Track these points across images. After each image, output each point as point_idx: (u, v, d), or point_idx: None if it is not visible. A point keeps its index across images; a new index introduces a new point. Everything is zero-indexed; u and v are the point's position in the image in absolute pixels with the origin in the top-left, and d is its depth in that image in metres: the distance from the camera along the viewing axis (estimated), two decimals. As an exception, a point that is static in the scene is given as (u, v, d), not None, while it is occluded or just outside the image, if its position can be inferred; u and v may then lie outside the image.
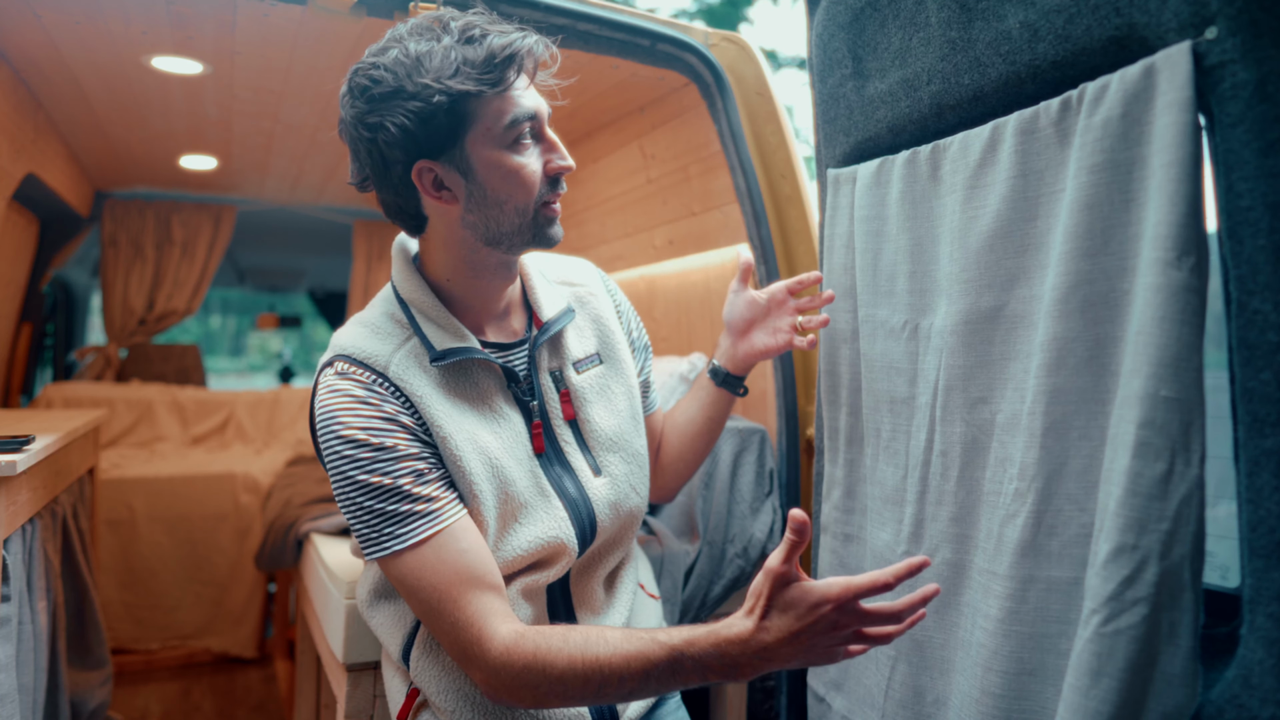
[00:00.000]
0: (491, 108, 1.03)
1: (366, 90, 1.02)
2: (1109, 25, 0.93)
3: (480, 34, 1.03)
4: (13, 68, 2.15)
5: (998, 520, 1.08)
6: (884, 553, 1.30)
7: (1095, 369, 0.96)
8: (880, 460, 1.33)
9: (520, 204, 1.08)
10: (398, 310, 1.14)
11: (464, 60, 1.01)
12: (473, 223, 1.09)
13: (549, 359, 1.21)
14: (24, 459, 1.49)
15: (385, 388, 1.06)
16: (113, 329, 4.13)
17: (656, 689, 0.96)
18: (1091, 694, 0.87)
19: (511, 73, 1.03)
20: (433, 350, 1.09)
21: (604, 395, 1.24)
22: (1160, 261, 0.85)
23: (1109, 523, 0.89)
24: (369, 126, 1.03)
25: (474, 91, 1.01)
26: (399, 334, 1.11)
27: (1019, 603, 1.02)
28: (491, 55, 1.01)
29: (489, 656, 0.98)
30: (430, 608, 1.01)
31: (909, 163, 1.26)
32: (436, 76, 1.00)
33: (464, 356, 1.10)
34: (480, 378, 1.14)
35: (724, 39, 1.94)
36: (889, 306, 1.31)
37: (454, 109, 1.01)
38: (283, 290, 7.28)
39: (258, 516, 3.32)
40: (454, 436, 1.07)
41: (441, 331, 1.11)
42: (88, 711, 2.10)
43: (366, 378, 1.06)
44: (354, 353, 1.08)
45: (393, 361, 1.08)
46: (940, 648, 1.20)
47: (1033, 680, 1.01)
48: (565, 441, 1.19)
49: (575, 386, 1.21)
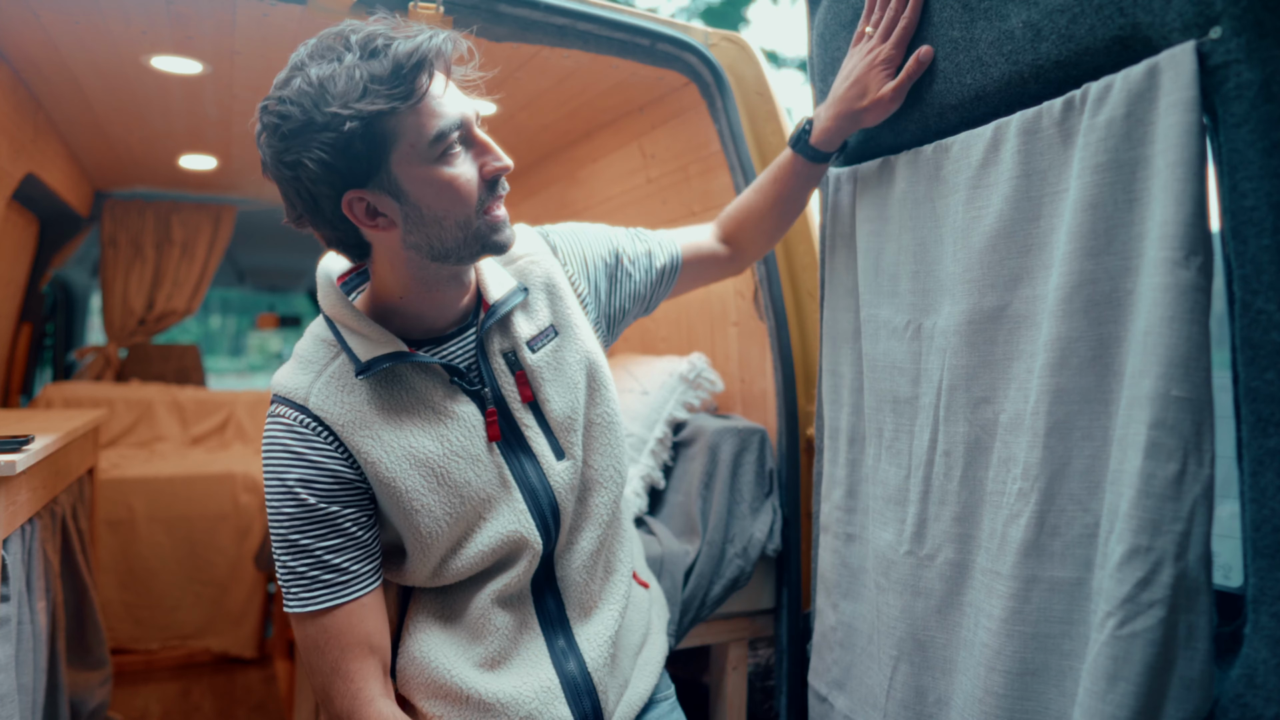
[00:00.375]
0: (411, 123, 0.96)
1: (278, 128, 0.95)
2: (1113, 25, 0.93)
3: (384, 44, 0.95)
4: (13, 68, 2.15)
5: (1001, 520, 1.08)
6: (886, 552, 1.30)
7: (1099, 369, 0.96)
8: (883, 460, 1.33)
9: (460, 217, 1.02)
10: (325, 331, 1.11)
11: (370, 77, 0.93)
12: (415, 243, 1.03)
13: (499, 341, 1.15)
14: (24, 459, 1.48)
15: (309, 426, 1.05)
16: (112, 329, 4.13)
17: None
18: (1107, 698, 0.87)
19: (423, 80, 0.96)
20: (358, 363, 1.05)
21: (558, 371, 1.18)
22: (1168, 261, 0.84)
23: (1121, 524, 0.88)
24: (288, 165, 0.96)
25: (386, 109, 0.94)
26: (325, 356, 1.09)
27: (1022, 602, 1.02)
28: (398, 66, 0.94)
29: None
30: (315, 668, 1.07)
31: (911, 162, 1.26)
32: (344, 102, 0.92)
33: (392, 363, 1.06)
34: (416, 381, 1.09)
35: (724, 39, 1.94)
36: (892, 306, 1.31)
37: (370, 132, 0.94)
38: (283, 290, 7.28)
39: (257, 516, 3.32)
40: (383, 460, 1.05)
41: (367, 342, 1.06)
42: (87, 711, 2.09)
43: (291, 417, 1.06)
44: (280, 390, 1.08)
45: (312, 393, 1.06)
46: (943, 648, 1.20)
47: (1035, 680, 1.01)
48: (526, 425, 1.15)
49: (531, 366, 1.15)
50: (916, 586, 1.23)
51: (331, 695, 1.06)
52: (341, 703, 1.05)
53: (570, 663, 1.15)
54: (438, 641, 1.13)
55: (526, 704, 1.10)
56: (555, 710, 1.11)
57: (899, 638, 1.26)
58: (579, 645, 1.17)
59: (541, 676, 1.13)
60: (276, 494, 1.05)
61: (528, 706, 1.10)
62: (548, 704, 1.11)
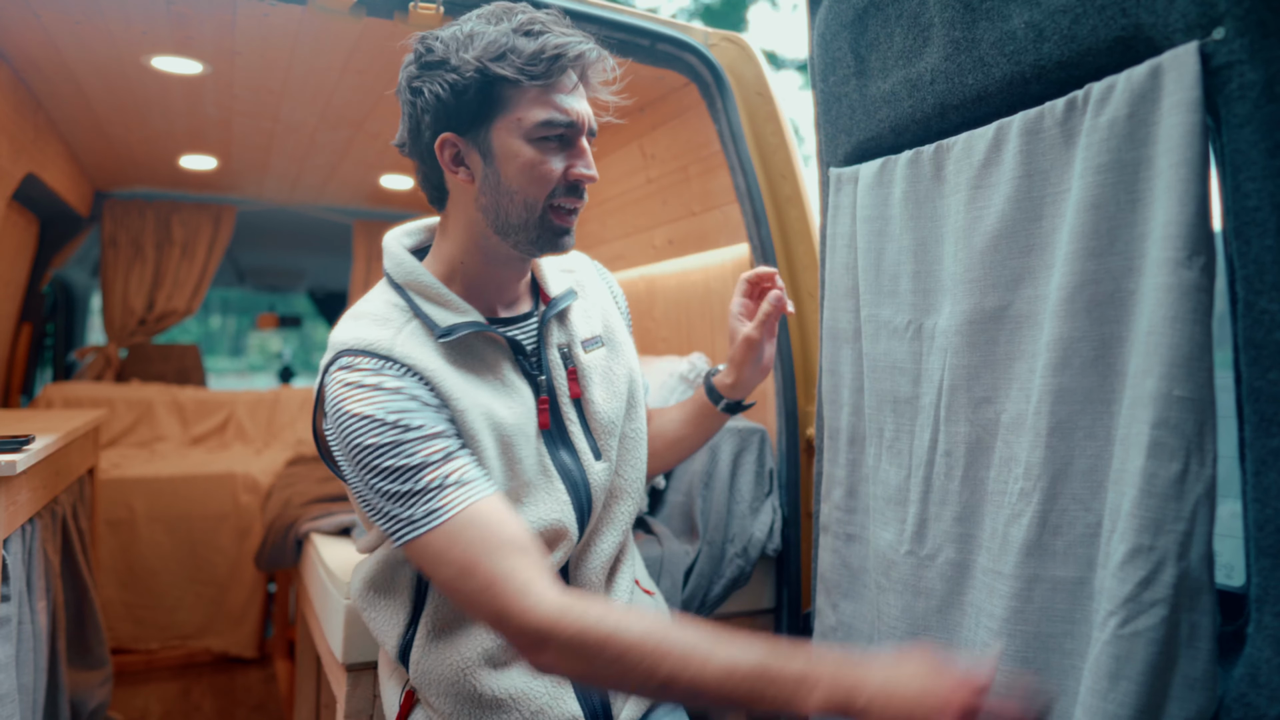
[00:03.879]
0: (527, 100, 1.04)
1: (420, 57, 1.06)
2: (1115, 26, 0.93)
3: (540, 30, 1.04)
4: (13, 68, 2.15)
5: (1003, 520, 1.08)
6: (887, 552, 1.30)
7: (1101, 369, 0.96)
8: (883, 460, 1.33)
9: (530, 198, 1.07)
10: (394, 296, 1.13)
11: (512, 48, 1.02)
12: (484, 206, 1.09)
13: (557, 334, 1.20)
14: (24, 459, 1.48)
15: (395, 370, 1.03)
16: (113, 329, 4.12)
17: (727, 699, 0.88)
18: (1110, 697, 0.87)
19: (557, 70, 1.04)
20: (436, 327, 1.08)
21: (607, 378, 1.24)
22: (1172, 261, 0.84)
23: (1124, 524, 0.88)
24: (413, 90, 1.07)
25: (511, 78, 1.02)
26: (399, 318, 1.10)
27: (1024, 602, 1.02)
28: (541, 50, 1.02)
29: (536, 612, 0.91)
30: (461, 572, 0.95)
31: (912, 162, 1.26)
32: (478, 55, 1.02)
33: (469, 330, 1.09)
34: (488, 353, 1.12)
35: (724, 39, 1.94)
36: (892, 306, 1.31)
37: (487, 90, 1.03)
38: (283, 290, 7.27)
39: (258, 516, 3.32)
40: (469, 411, 1.05)
41: (443, 309, 1.10)
42: (87, 711, 2.09)
43: (374, 364, 1.03)
44: (355, 344, 1.05)
45: (396, 343, 1.05)
46: (943, 648, 1.20)
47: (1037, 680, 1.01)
48: (570, 420, 1.18)
49: (582, 365, 1.21)
50: (917, 586, 1.23)
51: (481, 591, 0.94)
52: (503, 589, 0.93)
53: None
54: (451, 637, 1.13)
55: (537, 699, 1.11)
56: (565, 705, 1.12)
57: (899, 638, 1.26)
58: None
59: None
60: (373, 428, 0.99)
61: (538, 701, 1.11)
62: (557, 699, 1.12)
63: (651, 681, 0.89)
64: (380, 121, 2.63)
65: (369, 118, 2.59)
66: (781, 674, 0.86)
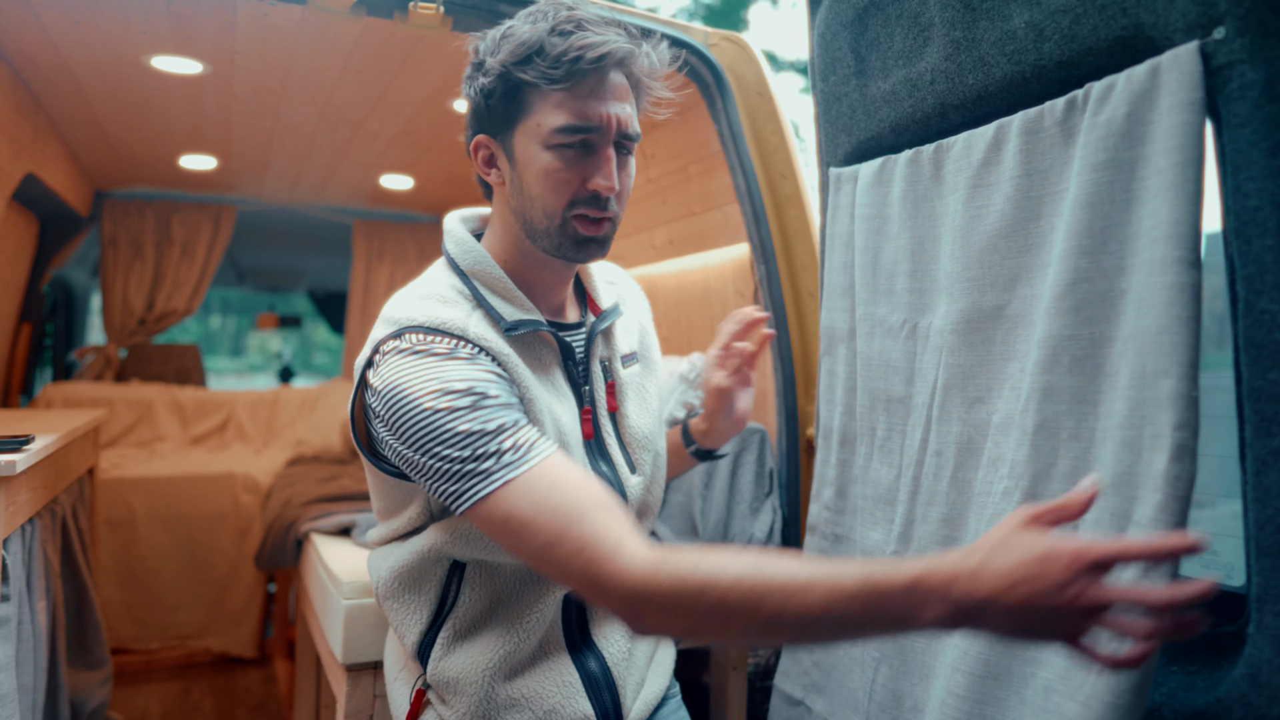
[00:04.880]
0: (548, 104, 1.01)
1: (470, 58, 1.08)
2: (1115, 25, 0.93)
3: (573, 29, 1.00)
4: (13, 68, 2.15)
5: (985, 520, 1.07)
6: (874, 552, 1.30)
7: (1090, 369, 0.96)
8: (874, 459, 1.33)
9: (549, 206, 1.04)
10: (457, 282, 1.10)
11: (539, 50, 0.99)
12: (515, 208, 1.09)
13: (602, 347, 1.20)
14: (24, 459, 1.48)
15: (470, 349, 1.00)
16: (112, 329, 4.12)
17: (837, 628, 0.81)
18: None
19: (577, 74, 0.99)
20: (502, 320, 1.06)
21: (640, 394, 1.24)
22: (1183, 261, 0.84)
23: (1146, 530, 0.86)
24: (464, 91, 1.09)
25: (531, 82, 1.00)
26: (465, 304, 1.07)
27: None
28: (564, 52, 0.98)
29: (631, 572, 0.85)
30: (555, 529, 0.89)
31: (912, 162, 1.26)
32: (504, 60, 1.01)
33: (533, 329, 1.08)
34: (544, 354, 1.12)
35: (724, 39, 1.94)
36: (888, 305, 1.31)
37: (510, 94, 1.02)
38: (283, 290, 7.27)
39: (257, 516, 3.32)
40: (537, 400, 1.05)
41: (507, 304, 1.08)
42: (87, 711, 2.09)
43: (447, 344, 0.99)
44: (425, 322, 1.01)
45: (469, 325, 1.02)
46: (922, 652, 1.19)
47: (996, 685, 1.00)
48: (607, 433, 1.18)
49: (620, 379, 1.21)
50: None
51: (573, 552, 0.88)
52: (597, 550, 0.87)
53: (591, 661, 1.16)
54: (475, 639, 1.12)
55: (550, 698, 1.11)
56: (576, 703, 1.12)
57: (880, 641, 1.26)
58: (597, 644, 1.18)
59: (563, 672, 1.14)
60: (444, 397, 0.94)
61: (551, 700, 1.11)
62: (569, 698, 1.12)
63: (755, 623, 0.82)
64: (380, 121, 2.63)
65: (369, 118, 2.59)
66: (891, 587, 0.77)
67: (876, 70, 1.33)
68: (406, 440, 0.96)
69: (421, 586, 1.15)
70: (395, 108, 2.51)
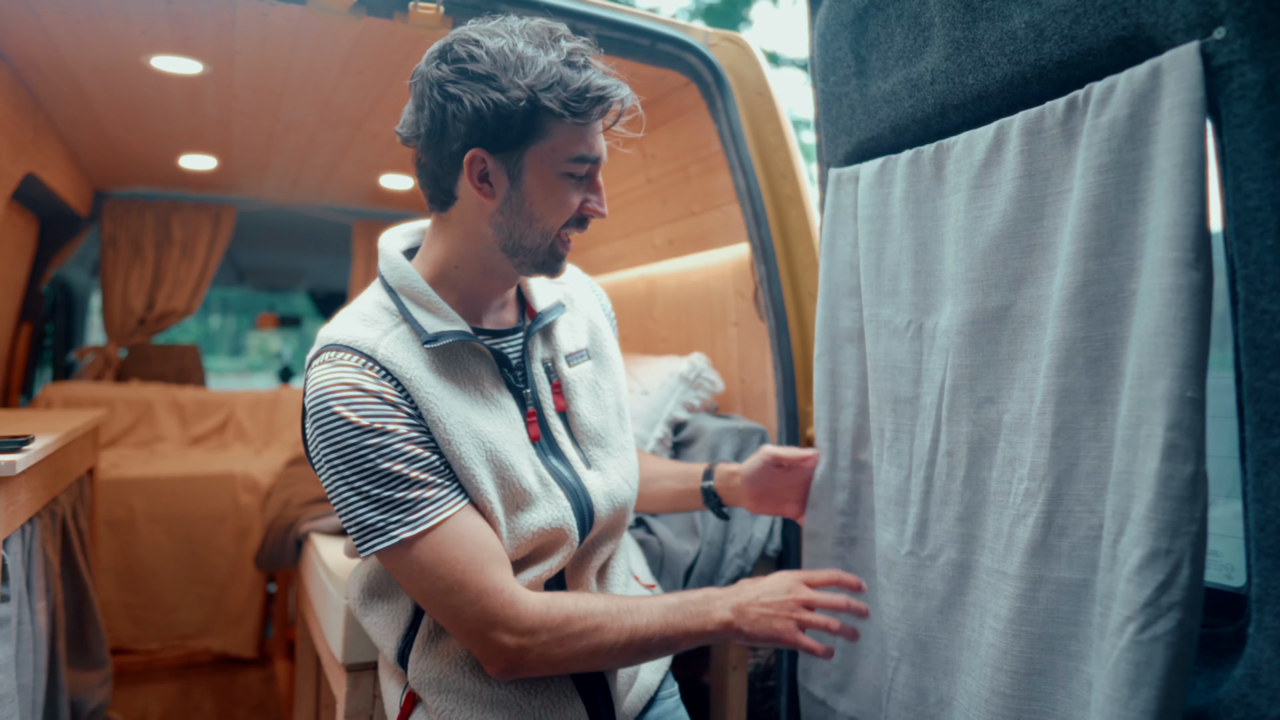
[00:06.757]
0: (565, 134, 1.07)
1: (461, 62, 1.04)
2: (1116, 26, 0.93)
3: (584, 64, 1.07)
4: (13, 68, 2.15)
5: (1007, 520, 1.07)
6: (887, 553, 1.29)
7: (1105, 369, 0.96)
8: (884, 460, 1.33)
9: (547, 227, 1.11)
10: (386, 299, 1.14)
11: (559, 80, 1.04)
12: (500, 224, 1.11)
13: (541, 349, 1.23)
14: (23, 459, 1.48)
15: (375, 370, 1.05)
16: (112, 329, 4.12)
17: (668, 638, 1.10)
18: (1132, 705, 0.85)
19: (596, 112, 1.07)
20: (424, 333, 1.09)
21: (593, 390, 1.26)
22: (1180, 262, 0.84)
23: (1138, 528, 0.87)
24: (447, 95, 1.04)
25: (556, 110, 1.04)
26: (388, 321, 1.11)
27: (1029, 603, 1.02)
28: (586, 88, 1.05)
29: (524, 619, 1.03)
30: (448, 586, 1.02)
31: (912, 162, 1.26)
32: (529, 83, 1.02)
33: (455, 339, 1.10)
34: (471, 364, 1.14)
35: (724, 39, 1.94)
36: (893, 306, 1.31)
37: (531, 118, 1.05)
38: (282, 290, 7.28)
39: (257, 516, 3.32)
40: (446, 419, 1.06)
41: (432, 316, 1.11)
42: (87, 711, 2.09)
43: (356, 361, 1.04)
44: (340, 340, 1.07)
45: (380, 344, 1.07)
46: (945, 648, 1.20)
47: (1043, 681, 1.01)
48: (558, 432, 1.20)
49: (566, 378, 1.23)
50: (918, 587, 1.23)
51: (469, 603, 1.02)
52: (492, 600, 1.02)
53: None
54: (451, 638, 1.13)
55: (539, 693, 1.12)
56: (568, 699, 1.13)
57: (900, 639, 1.26)
58: None
59: None
60: (350, 431, 1.01)
61: (542, 695, 1.12)
62: (560, 692, 1.13)
63: (619, 641, 1.07)
64: (380, 121, 2.63)
65: (369, 117, 2.59)
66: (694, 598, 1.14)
67: (877, 70, 1.33)
68: (323, 466, 1.05)
69: (392, 597, 1.19)
70: (395, 108, 2.50)
